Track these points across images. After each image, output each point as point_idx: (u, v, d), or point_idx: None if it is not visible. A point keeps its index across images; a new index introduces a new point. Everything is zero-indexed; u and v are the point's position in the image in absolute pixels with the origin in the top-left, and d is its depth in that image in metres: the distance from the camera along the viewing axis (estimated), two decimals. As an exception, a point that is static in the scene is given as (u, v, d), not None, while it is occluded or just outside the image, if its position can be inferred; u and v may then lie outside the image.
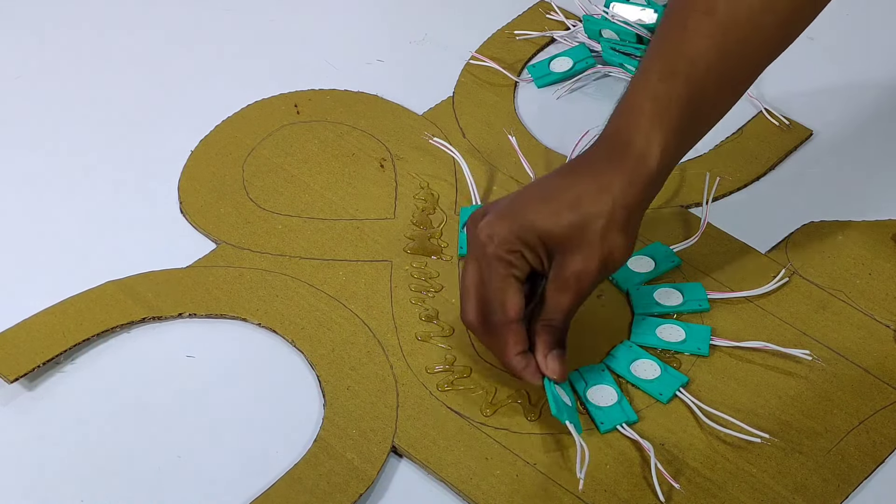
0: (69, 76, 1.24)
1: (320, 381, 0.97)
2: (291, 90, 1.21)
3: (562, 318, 0.94)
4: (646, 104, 0.92)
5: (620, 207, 0.92)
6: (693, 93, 0.93)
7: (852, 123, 1.18)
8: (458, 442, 0.93)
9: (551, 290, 0.94)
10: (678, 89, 0.92)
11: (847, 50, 1.25)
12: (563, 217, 0.92)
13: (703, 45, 0.92)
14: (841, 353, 0.99)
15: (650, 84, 0.93)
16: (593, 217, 0.91)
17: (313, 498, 0.90)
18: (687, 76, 0.92)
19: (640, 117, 0.92)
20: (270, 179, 1.13)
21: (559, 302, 0.94)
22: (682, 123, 0.93)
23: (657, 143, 0.92)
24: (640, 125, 0.92)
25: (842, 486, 0.91)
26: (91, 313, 1.01)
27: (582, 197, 0.92)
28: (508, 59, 1.24)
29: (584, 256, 0.92)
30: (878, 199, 1.10)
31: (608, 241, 0.92)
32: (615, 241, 0.92)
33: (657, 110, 0.92)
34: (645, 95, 0.93)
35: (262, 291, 1.03)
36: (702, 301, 1.02)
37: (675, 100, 0.92)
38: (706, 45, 0.92)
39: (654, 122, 0.92)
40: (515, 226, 0.92)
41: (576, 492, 0.90)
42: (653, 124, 0.92)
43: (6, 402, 0.97)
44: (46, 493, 0.92)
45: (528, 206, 0.93)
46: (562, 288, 0.93)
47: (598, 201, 0.91)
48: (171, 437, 0.95)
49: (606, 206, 0.91)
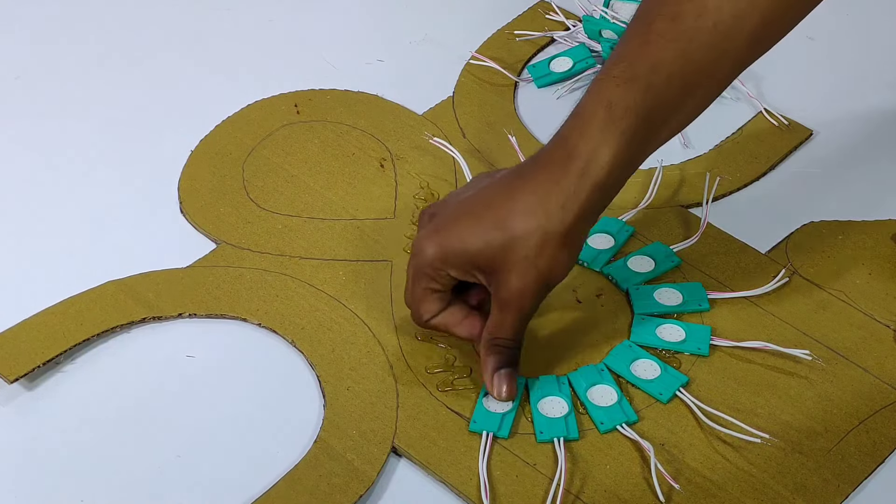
0: (69, 76, 1.24)
1: (320, 381, 0.97)
2: (291, 90, 1.21)
3: (509, 336, 0.94)
4: (599, 110, 0.89)
5: (556, 224, 0.90)
6: (652, 100, 0.89)
7: (852, 123, 1.18)
8: (458, 442, 0.93)
9: (494, 309, 0.93)
10: (636, 96, 0.89)
11: (847, 50, 1.25)
12: (492, 238, 0.91)
13: (667, 52, 0.89)
14: (841, 353, 0.99)
15: (607, 89, 0.89)
16: (525, 236, 0.90)
17: (313, 498, 0.90)
18: (647, 83, 0.89)
19: (591, 123, 0.89)
20: (270, 179, 1.13)
21: (502, 320, 0.93)
22: (638, 132, 0.90)
23: (607, 151, 0.89)
24: (591, 132, 0.89)
25: (842, 486, 0.91)
26: (91, 313, 1.01)
27: (515, 215, 0.90)
28: (508, 59, 1.24)
29: (519, 276, 0.91)
30: (878, 199, 1.10)
31: (544, 258, 0.90)
32: (552, 258, 0.90)
33: (611, 117, 0.89)
34: (600, 101, 0.89)
35: (263, 291, 1.03)
36: (702, 301, 1.02)
37: (632, 107, 0.89)
38: (670, 52, 0.89)
39: (607, 130, 0.89)
40: (444, 246, 0.92)
41: (576, 492, 0.90)
42: (604, 132, 0.89)
43: (6, 402, 0.97)
44: (46, 493, 0.92)
45: (460, 223, 0.92)
46: (502, 307, 0.93)
47: (532, 219, 0.90)
48: (171, 437, 0.95)
49: (538, 224, 0.89)
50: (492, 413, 0.94)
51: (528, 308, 0.93)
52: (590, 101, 0.90)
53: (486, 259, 0.91)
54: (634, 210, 1.09)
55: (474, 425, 0.94)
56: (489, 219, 0.91)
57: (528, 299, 0.92)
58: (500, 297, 0.92)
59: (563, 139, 0.91)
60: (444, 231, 0.93)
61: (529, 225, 0.90)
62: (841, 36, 1.27)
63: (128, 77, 1.24)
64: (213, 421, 0.96)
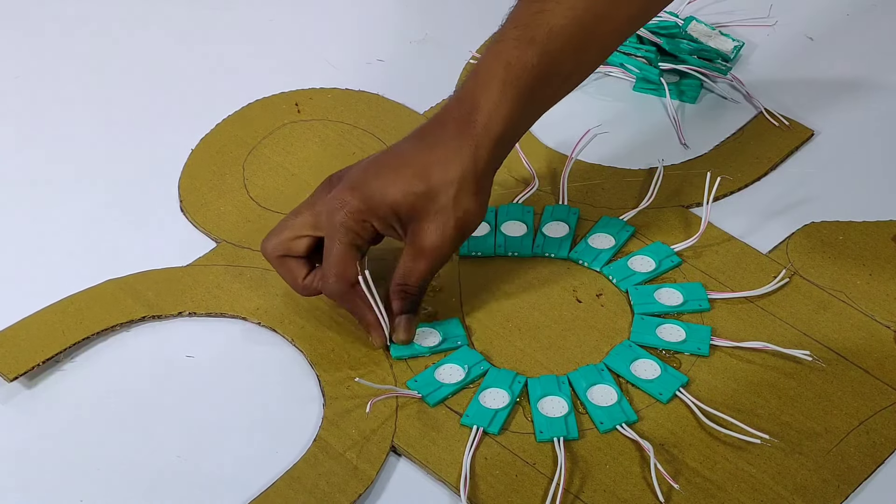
0: (69, 76, 1.24)
1: (320, 381, 0.97)
2: (292, 89, 1.21)
3: (416, 285, 0.97)
4: (498, 70, 0.94)
5: (470, 173, 0.94)
6: (547, 63, 0.95)
7: (852, 123, 1.18)
8: (457, 442, 0.93)
9: (407, 258, 0.96)
10: (532, 58, 0.94)
11: (847, 50, 1.25)
12: (413, 187, 0.94)
13: (563, 18, 0.94)
14: (841, 354, 0.99)
15: (506, 49, 0.94)
16: (443, 186, 0.94)
17: (312, 498, 0.90)
18: (543, 46, 0.94)
19: (491, 82, 0.94)
20: (271, 178, 1.13)
21: (415, 269, 0.96)
22: (534, 92, 0.95)
23: (505, 108, 0.94)
24: (491, 90, 0.94)
25: (841, 486, 0.91)
26: (91, 312, 1.01)
27: (432, 165, 0.94)
28: (509, 59, 1.23)
29: (437, 225, 0.94)
30: (879, 199, 1.10)
31: (460, 207, 0.94)
32: (468, 207, 0.95)
33: (509, 77, 0.94)
34: (499, 61, 0.94)
35: (263, 290, 1.03)
36: (702, 301, 1.02)
37: (529, 68, 0.94)
38: (566, 18, 0.94)
39: (506, 88, 0.94)
40: (366, 196, 0.94)
41: (575, 492, 0.90)
42: (503, 90, 0.94)
43: (6, 401, 0.97)
44: (46, 493, 0.92)
45: (379, 177, 0.95)
46: (418, 256, 0.96)
47: (448, 169, 0.94)
48: (171, 436, 0.95)
49: (456, 174, 0.94)
50: (485, 409, 0.94)
51: (442, 257, 0.96)
52: (488, 61, 0.95)
53: (407, 208, 0.94)
54: (635, 210, 1.09)
55: (466, 419, 0.94)
56: (408, 171, 0.94)
57: (445, 248, 0.96)
58: (417, 245, 0.95)
59: (465, 96, 0.96)
60: (362, 186, 0.95)
61: (447, 175, 0.94)
62: (841, 36, 1.27)
63: (128, 76, 1.24)
64: (213, 420, 0.96)
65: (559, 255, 1.06)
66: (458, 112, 0.95)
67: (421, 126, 0.98)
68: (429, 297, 1.03)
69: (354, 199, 0.95)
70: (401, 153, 0.96)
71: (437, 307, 1.02)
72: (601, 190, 1.11)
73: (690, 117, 1.18)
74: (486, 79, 0.95)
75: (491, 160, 0.95)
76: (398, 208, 0.94)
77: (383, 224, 0.95)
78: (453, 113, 0.96)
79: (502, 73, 0.94)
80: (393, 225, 0.96)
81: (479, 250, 1.06)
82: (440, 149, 0.95)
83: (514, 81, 0.94)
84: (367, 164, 0.97)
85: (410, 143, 0.97)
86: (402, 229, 0.96)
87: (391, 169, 0.95)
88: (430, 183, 0.94)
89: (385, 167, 0.95)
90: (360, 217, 0.95)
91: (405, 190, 0.94)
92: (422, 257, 0.96)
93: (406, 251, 0.96)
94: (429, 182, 0.94)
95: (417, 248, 0.95)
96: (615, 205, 1.10)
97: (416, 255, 0.96)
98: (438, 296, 1.03)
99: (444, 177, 0.94)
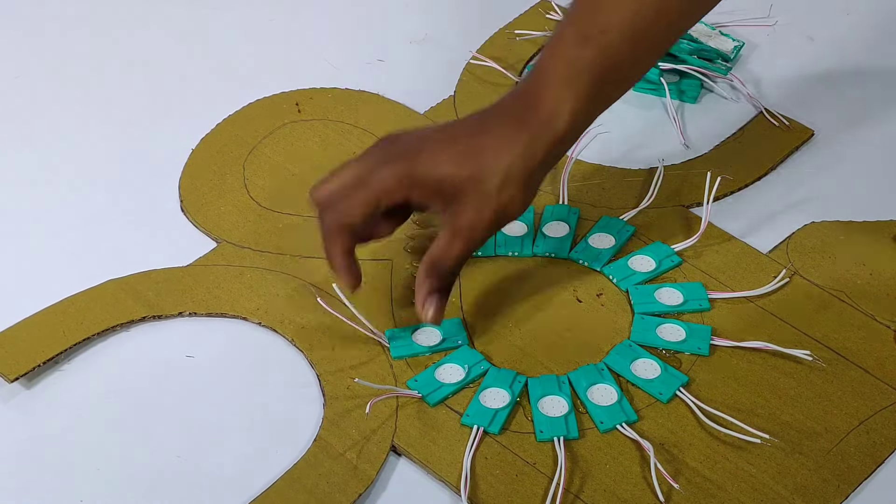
0: (69, 76, 1.24)
1: (320, 381, 0.97)
2: (292, 89, 1.21)
3: (451, 265, 0.96)
4: (560, 67, 0.94)
5: (521, 164, 0.93)
6: (606, 59, 0.94)
7: (852, 124, 1.18)
8: (457, 441, 0.93)
9: (444, 236, 0.95)
10: (592, 55, 0.94)
11: (847, 50, 1.25)
12: (464, 165, 0.93)
13: (619, 13, 0.94)
14: (841, 354, 0.98)
15: (565, 48, 0.94)
16: (493, 170, 0.93)
17: (313, 497, 0.90)
18: (601, 42, 0.94)
19: (553, 79, 0.94)
20: (271, 178, 1.13)
21: (450, 248, 0.95)
22: (594, 89, 0.94)
23: (567, 106, 0.94)
24: (552, 87, 0.94)
25: (842, 486, 0.91)
26: (91, 312, 1.01)
27: (486, 148, 0.94)
28: (509, 59, 1.24)
29: (477, 208, 0.94)
30: (879, 198, 1.10)
31: (504, 195, 0.94)
32: (512, 196, 0.94)
33: (570, 74, 0.94)
34: (561, 59, 0.94)
35: (263, 290, 1.03)
36: (702, 301, 1.02)
37: (588, 66, 0.94)
38: (621, 13, 0.94)
39: (566, 86, 0.94)
40: (412, 166, 0.94)
41: (575, 492, 0.90)
42: (564, 87, 0.94)
43: (6, 402, 0.97)
44: (46, 493, 0.92)
45: (432, 149, 0.95)
46: (455, 235, 0.95)
47: (501, 155, 0.93)
48: (171, 436, 0.95)
49: (507, 161, 0.93)
50: (486, 408, 0.94)
51: (478, 240, 0.95)
52: (549, 60, 0.95)
53: (453, 186, 0.94)
54: (635, 210, 1.09)
55: (466, 419, 0.94)
56: (461, 148, 0.94)
57: (481, 231, 0.95)
58: (455, 224, 0.95)
59: (526, 93, 0.95)
60: (413, 154, 0.94)
61: (500, 160, 0.93)
62: (841, 36, 1.27)
63: (128, 76, 1.24)
64: (212, 420, 0.96)
65: (559, 254, 1.06)
66: (519, 105, 0.95)
67: (480, 111, 0.97)
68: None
69: (401, 166, 0.94)
70: (455, 132, 0.96)
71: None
72: (601, 190, 1.11)
73: (690, 117, 1.18)
74: (549, 76, 0.94)
75: (546, 157, 0.94)
76: (443, 184, 0.94)
77: (423, 195, 0.94)
78: (512, 105, 0.95)
79: (564, 70, 0.94)
80: (433, 200, 0.94)
81: (479, 250, 1.06)
82: (496, 135, 0.94)
83: (575, 79, 0.94)
84: (421, 136, 0.96)
85: (468, 125, 0.96)
86: (443, 206, 0.95)
87: (444, 143, 0.95)
88: (479, 166, 0.93)
89: (440, 142, 0.95)
90: (402, 183, 0.94)
91: (454, 167, 0.93)
92: (458, 237, 0.95)
93: (443, 230, 0.95)
94: (478, 164, 0.93)
95: (454, 228, 0.95)
96: (615, 205, 1.10)
97: (452, 233, 0.95)
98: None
99: (496, 161, 0.93)
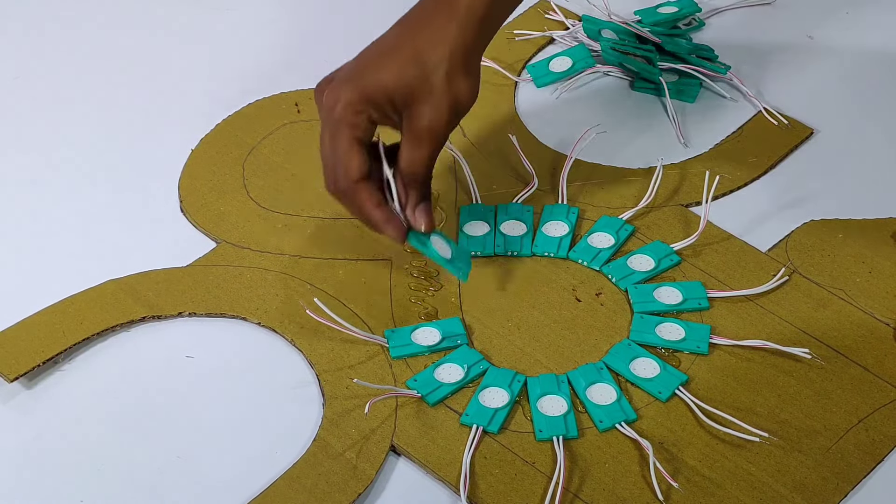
0: (69, 76, 1.24)
1: (320, 381, 0.98)
2: (292, 89, 1.21)
3: (423, 171, 0.97)
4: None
5: (459, 52, 0.95)
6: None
7: (852, 122, 1.18)
8: (457, 441, 0.93)
9: (407, 145, 0.96)
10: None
11: (847, 50, 1.25)
12: (406, 71, 0.95)
13: None
14: (841, 352, 0.99)
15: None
16: (435, 66, 0.95)
17: (312, 497, 0.90)
18: None
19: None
20: (271, 178, 1.13)
21: (417, 155, 0.96)
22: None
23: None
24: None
25: (841, 484, 0.91)
26: (91, 312, 1.01)
27: (421, 49, 0.95)
28: (508, 59, 1.24)
29: (432, 106, 0.95)
30: (878, 197, 1.10)
31: (453, 86, 0.95)
32: (460, 85, 0.96)
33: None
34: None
35: (262, 290, 1.03)
36: (701, 300, 1.02)
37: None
38: None
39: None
40: (360, 86, 0.95)
41: (575, 491, 0.90)
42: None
43: (6, 402, 0.97)
44: (46, 493, 0.92)
45: (371, 66, 0.96)
46: (417, 140, 0.96)
47: (437, 51, 0.95)
48: (170, 436, 0.95)
49: (445, 53, 0.95)
50: (485, 408, 0.94)
51: (441, 138, 0.97)
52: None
53: (403, 93, 0.95)
54: (635, 209, 1.09)
55: (466, 418, 0.94)
56: (398, 55, 0.96)
57: (443, 128, 0.96)
58: (416, 129, 0.96)
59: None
60: (356, 77, 0.96)
61: (436, 54, 0.95)
62: (841, 36, 1.27)
63: (128, 76, 1.24)
64: (212, 420, 0.96)
65: (558, 254, 1.06)
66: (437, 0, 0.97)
67: (404, 15, 0.99)
68: (429, 296, 1.03)
69: (349, 92, 0.95)
70: (388, 41, 0.98)
71: (437, 306, 1.02)
72: (600, 189, 1.11)
73: (690, 116, 1.18)
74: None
75: (477, 39, 0.97)
76: (393, 94, 0.95)
77: (380, 112, 0.96)
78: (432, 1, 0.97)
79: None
80: (388, 113, 0.96)
81: (478, 250, 1.06)
82: (427, 31, 0.96)
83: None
84: (356, 58, 0.98)
85: (396, 31, 0.98)
86: (398, 116, 0.96)
87: (381, 56, 0.96)
88: (420, 64, 0.95)
89: (374, 57, 0.96)
90: (357, 108, 0.95)
91: (398, 74, 0.95)
92: (421, 141, 0.96)
93: (405, 139, 0.97)
94: (420, 63, 0.95)
95: (415, 133, 0.96)
96: (615, 204, 1.10)
97: (415, 139, 0.96)
98: (438, 294, 1.03)
99: (433, 57, 0.95)
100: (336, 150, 0.96)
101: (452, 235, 1.07)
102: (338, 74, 0.98)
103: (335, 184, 0.97)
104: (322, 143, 0.97)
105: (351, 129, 0.95)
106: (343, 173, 0.96)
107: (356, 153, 0.95)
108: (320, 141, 0.97)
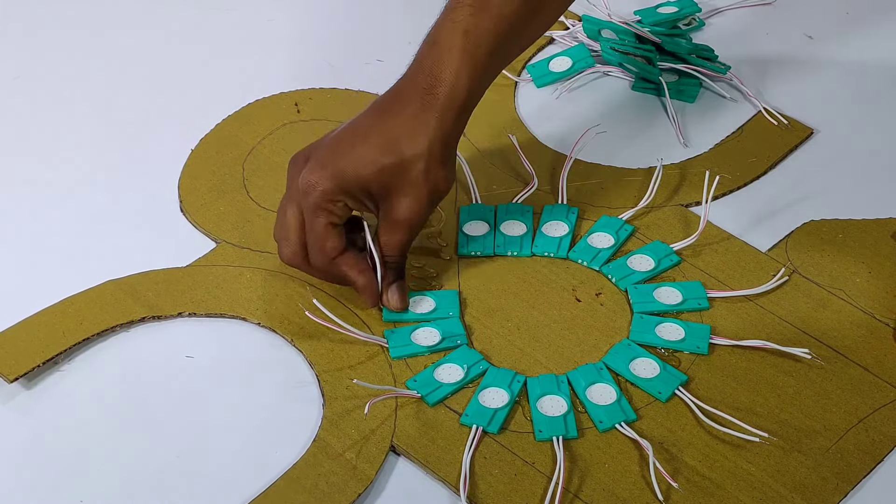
0: (68, 76, 1.24)
1: (320, 381, 0.98)
2: (292, 89, 1.21)
3: (399, 256, 0.99)
4: (457, 39, 0.96)
5: (438, 144, 0.96)
6: (503, 27, 0.97)
7: (852, 122, 1.18)
8: (456, 441, 0.93)
9: (385, 233, 0.98)
10: (489, 23, 0.96)
11: (847, 50, 1.25)
12: (382, 163, 0.96)
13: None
14: (840, 352, 0.99)
15: (462, 17, 0.97)
16: (413, 159, 0.96)
17: (312, 497, 0.90)
18: (499, 10, 0.97)
19: (451, 51, 0.96)
20: (271, 178, 1.13)
21: (394, 242, 0.98)
22: (490, 58, 0.98)
23: (466, 76, 0.96)
24: (451, 60, 0.96)
25: (841, 484, 0.91)
26: (91, 313, 1.01)
27: (399, 139, 0.96)
28: (508, 59, 1.24)
29: (411, 198, 0.96)
30: (878, 196, 1.10)
31: (431, 178, 0.96)
32: (438, 176, 0.97)
33: (468, 46, 0.96)
34: (457, 30, 0.96)
35: (262, 291, 1.03)
36: (701, 300, 1.02)
37: (485, 34, 0.96)
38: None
39: (465, 56, 0.96)
40: (337, 176, 0.96)
41: (574, 491, 0.90)
42: (463, 58, 0.96)
43: (6, 402, 0.97)
44: (46, 493, 0.92)
45: (347, 154, 0.96)
46: (394, 230, 0.98)
47: (416, 142, 0.96)
48: (170, 436, 0.95)
49: (424, 146, 0.96)
50: (485, 408, 0.94)
51: (417, 226, 0.98)
52: (446, 30, 0.97)
53: (380, 184, 0.96)
54: (634, 209, 1.09)
55: (465, 419, 0.94)
56: (374, 146, 0.96)
57: (419, 217, 0.98)
58: (393, 218, 0.97)
59: (425, 67, 0.98)
60: (331, 164, 0.96)
61: (416, 147, 0.96)
62: (841, 36, 1.27)
63: (128, 77, 1.24)
64: (212, 420, 0.96)
65: (558, 254, 1.06)
66: (420, 84, 0.97)
67: (380, 99, 0.99)
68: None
69: (325, 180, 0.96)
70: (365, 128, 0.98)
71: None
72: (600, 189, 1.11)
73: (690, 116, 1.18)
74: (446, 49, 0.96)
75: (455, 128, 0.97)
76: (369, 185, 0.96)
77: (356, 201, 0.97)
78: (414, 85, 0.97)
79: (461, 41, 0.96)
80: (364, 202, 0.97)
81: (478, 250, 1.06)
82: (405, 121, 0.96)
83: (473, 50, 0.96)
84: (332, 141, 0.98)
85: (373, 117, 0.98)
86: (375, 205, 0.97)
87: (357, 145, 0.96)
88: (399, 157, 0.95)
89: (351, 144, 0.97)
90: (332, 198, 0.96)
91: (375, 166, 0.95)
92: (398, 229, 0.98)
93: (382, 226, 0.98)
94: (398, 156, 0.95)
95: (392, 222, 0.97)
96: (614, 204, 1.10)
97: (391, 228, 0.97)
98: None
99: (412, 150, 0.95)
100: (313, 233, 0.97)
101: (452, 235, 1.07)
102: (313, 153, 0.98)
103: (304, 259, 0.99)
104: (285, 217, 0.98)
105: (327, 216, 0.97)
106: (320, 252, 0.98)
107: (334, 237, 0.97)
108: (280, 211, 0.99)
